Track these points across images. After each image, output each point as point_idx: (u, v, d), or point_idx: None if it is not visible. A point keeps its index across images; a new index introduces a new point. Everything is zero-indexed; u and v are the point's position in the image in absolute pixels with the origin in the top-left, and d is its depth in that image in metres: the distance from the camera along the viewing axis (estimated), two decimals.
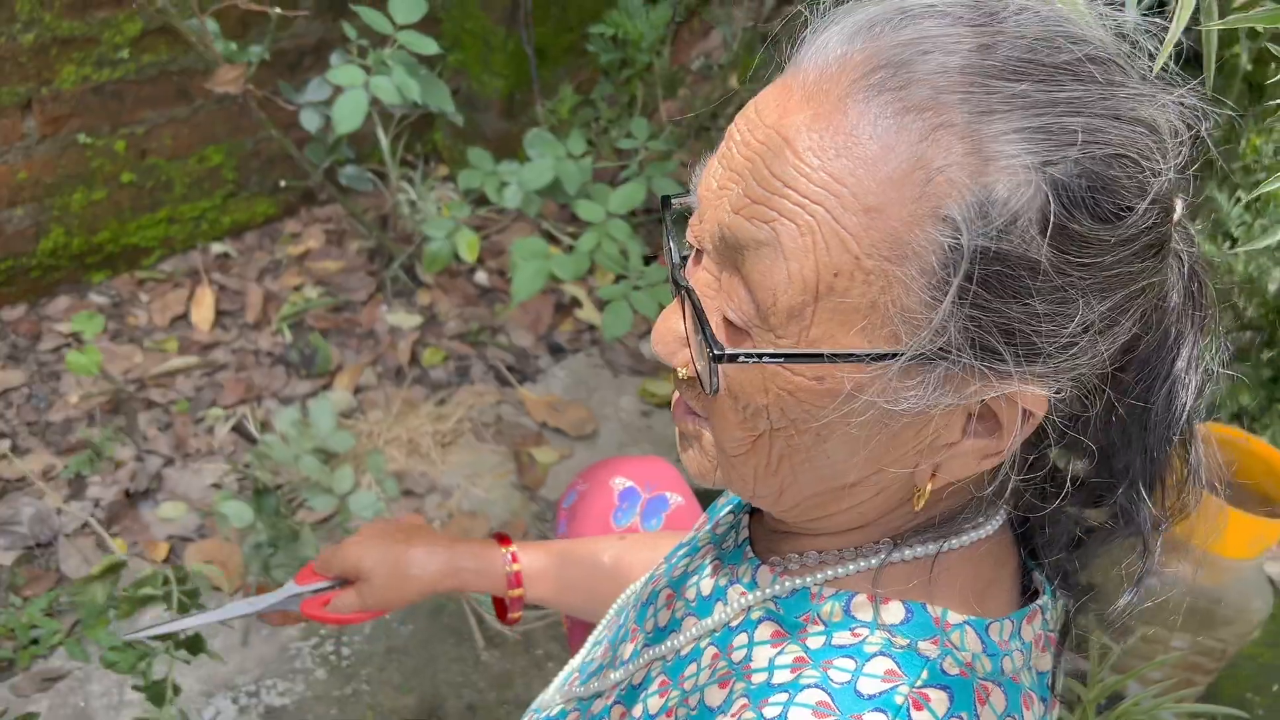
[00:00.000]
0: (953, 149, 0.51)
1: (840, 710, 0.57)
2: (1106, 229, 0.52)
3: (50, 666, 1.47)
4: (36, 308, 1.98)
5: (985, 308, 0.52)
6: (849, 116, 0.53)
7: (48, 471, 1.72)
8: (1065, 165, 0.51)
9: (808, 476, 0.61)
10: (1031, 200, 0.51)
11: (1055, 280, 0.52)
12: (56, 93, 1.82)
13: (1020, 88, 0.52)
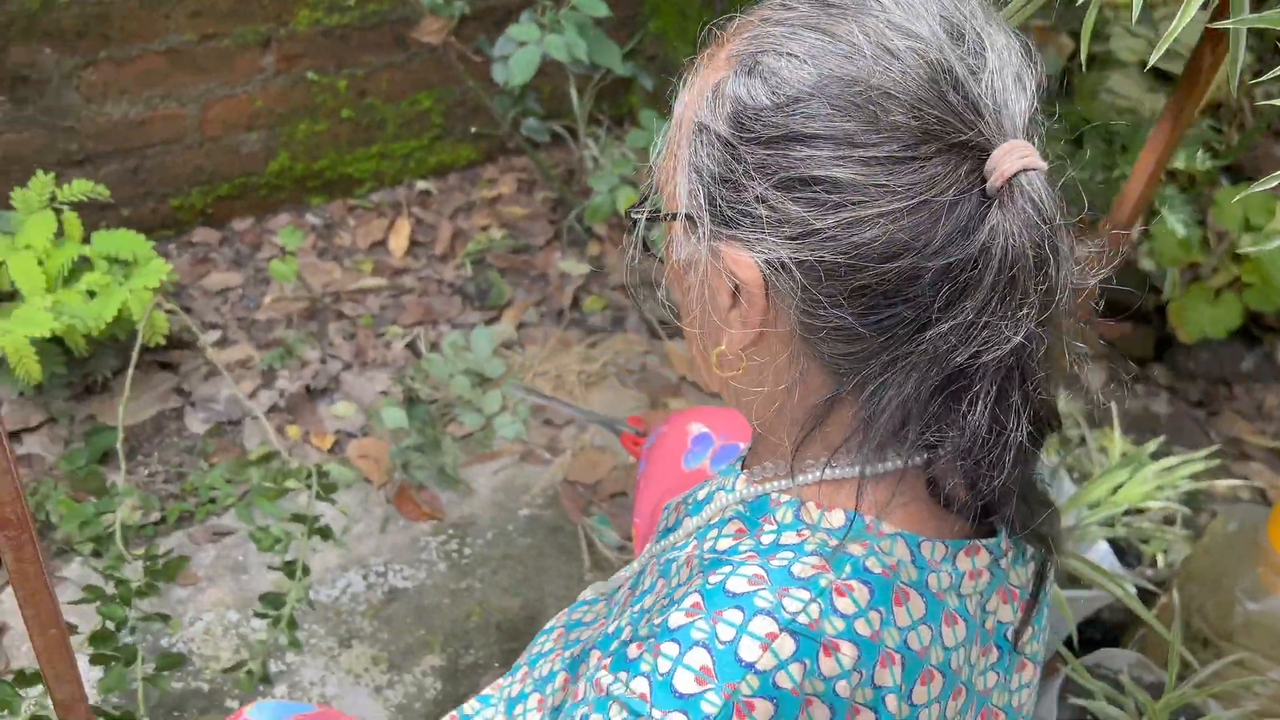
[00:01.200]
0: (708, 74, 0.68)
1: (771, 581, 0.64)
2: (775, 109, 0.62)
3: (221, 524, 1.70)
4: (261, 221, 2.24)
5: (699, 168, 0.66)
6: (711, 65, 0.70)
7: (246, 361, 1.96)
8: (746, 58, 0.65)
9: (704, 356, 0.73)
10: (724, 95, 0.65)
11: (731, 150, 0.64)
12: (292, 33, 2.05)
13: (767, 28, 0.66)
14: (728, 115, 0.64)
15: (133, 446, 1.79)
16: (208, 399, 1.89)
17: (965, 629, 0.70)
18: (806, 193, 0.61)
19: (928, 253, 0.61)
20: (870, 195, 0.60)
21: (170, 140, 2.03)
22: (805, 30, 0.63)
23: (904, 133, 0.60)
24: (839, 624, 0.63)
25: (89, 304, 1.64)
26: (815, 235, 0.62)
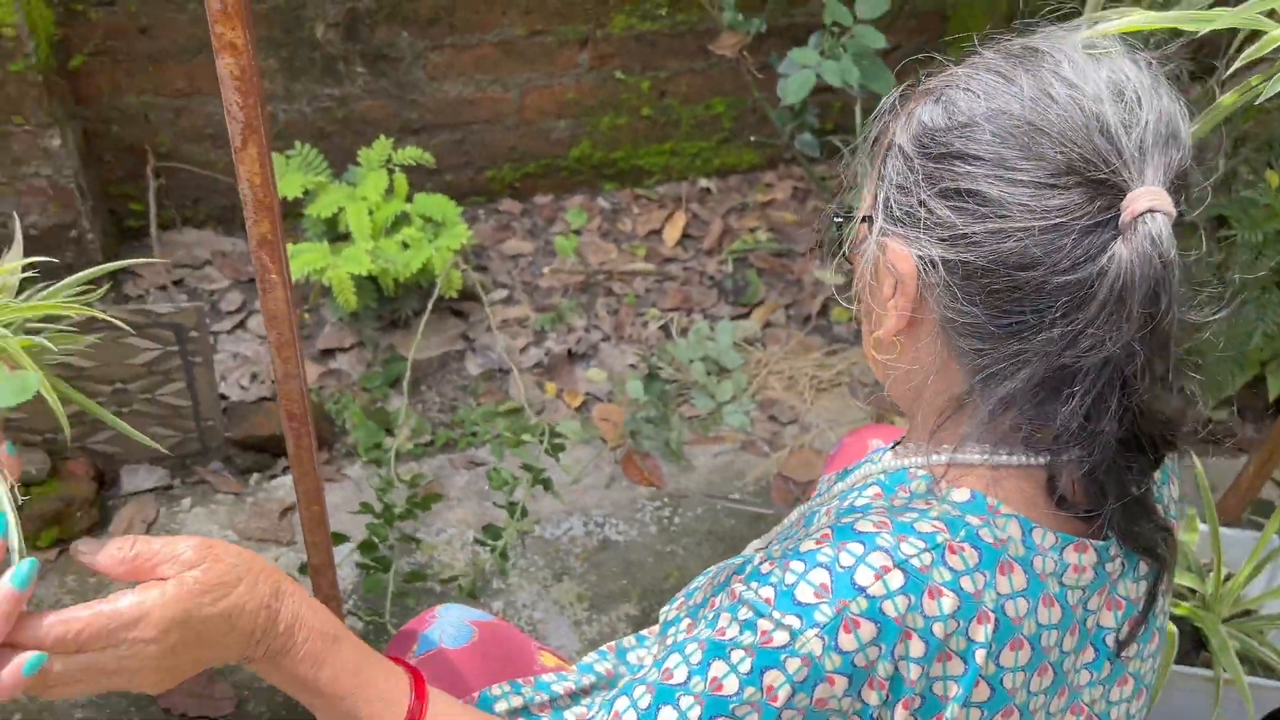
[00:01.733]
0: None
1: (894, 529, 0.75)
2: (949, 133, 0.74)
3: (477, 455, 1.97)
4: (558, 199, 2.50)
5: (878, 171, 0.79)
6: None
7: (523, 320, 2.22)
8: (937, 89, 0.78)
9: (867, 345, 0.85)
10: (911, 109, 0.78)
11: (900, 157, 0.77)
12: (607, 35, 2.28)
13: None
14: (912, 134, 0.77)
15: (419, 378, 2.10)
16: (486, 347, 2.16)
17: (1061, 615, 0.78)
18: (961, 202, 0.73)
19: (1056, 269, 0.70)
20: (1014, 212, 0.71)
21: (492, 120, 2.32)
22: (986, 73, 0.76)
23: (1050, 163, 0.70)
24: (946, 574, 0.73)
25: (402, 253, 1.94)
26: (964, 239, 0.73)
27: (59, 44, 1.94)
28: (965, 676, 0.74)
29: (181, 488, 1.87)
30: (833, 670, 0.71)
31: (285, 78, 2.12)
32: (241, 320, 2.15)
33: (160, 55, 2.02)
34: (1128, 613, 0.83)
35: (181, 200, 2.22)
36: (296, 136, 2.16)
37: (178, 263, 2.22)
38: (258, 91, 0.79)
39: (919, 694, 0.73)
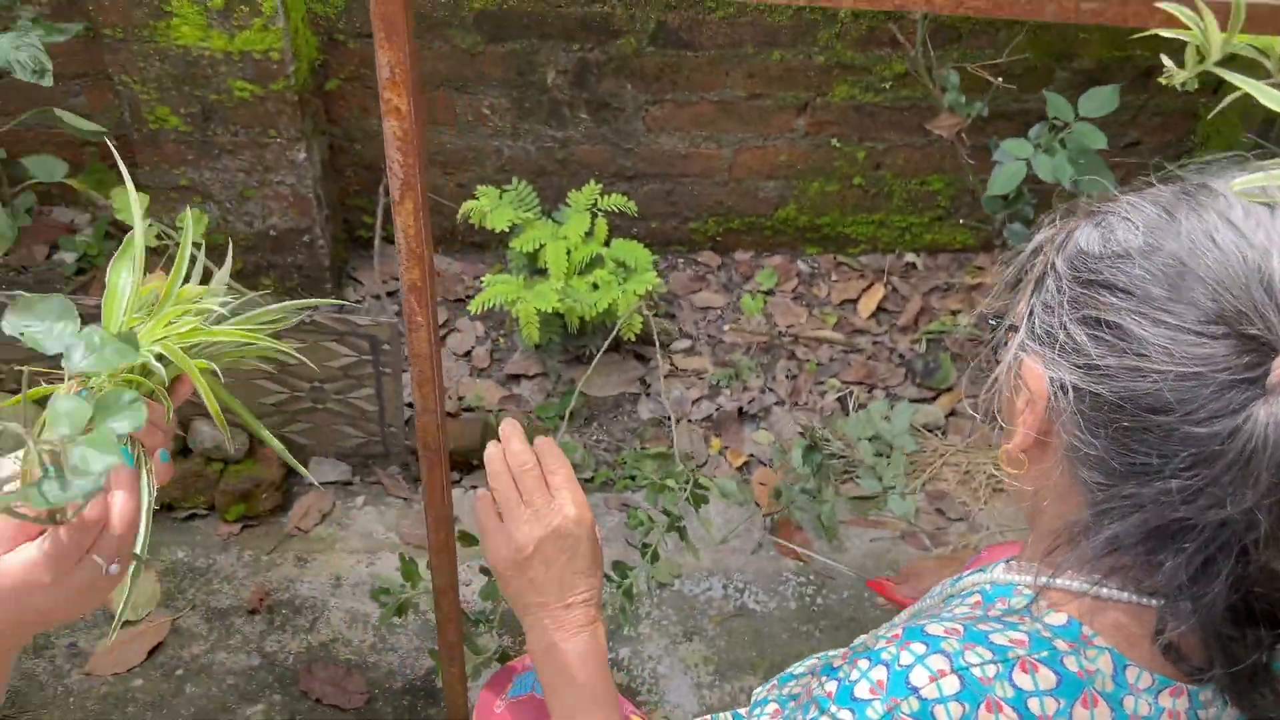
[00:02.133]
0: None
1: (964, 635, 0.74)
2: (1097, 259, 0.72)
3: (633, 499, 2.00)
4: (758, 257, 2.51)
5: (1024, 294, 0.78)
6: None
7: (701, 372, 2.24)
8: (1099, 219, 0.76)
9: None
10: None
11: (1054, 279, 0.75)
12: (826, 104, 2.27)
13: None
14: (1067, 255, 0.75)
15: (592, 414, 2.15)
16: (660, 394, 2.20)
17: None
18: (1101, 333, 0.70)
19: (1189, 418, 0.67)
20: (1153, 352, 0.67)
21: (703, 175, 2.36)
22: (1151, 205, 0.73)
23: (1200, 309, 0.67)
24: (1009, 690, 0.71)
25: (591, 293, 2.00)
26: (1098, 370, 0.70)
27: (319, 68, 2.13)
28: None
29: (359, 485, 1.99)
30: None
31: (514, 116, 2.24)
32: (443, 336, 2.27)
33: None
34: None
35: None
36: (517, 172, 2.28)
37: (395, 275, 2.38)
38: (417, 152, 0.85)
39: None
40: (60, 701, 1.64)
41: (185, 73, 1.93)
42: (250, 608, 1.78)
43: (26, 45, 1.69)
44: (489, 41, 2.13)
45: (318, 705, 1.66)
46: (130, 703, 1.65)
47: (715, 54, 2.17)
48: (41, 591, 0.72)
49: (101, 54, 1.94)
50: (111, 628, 0.80)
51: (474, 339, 2.27)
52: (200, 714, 1.64)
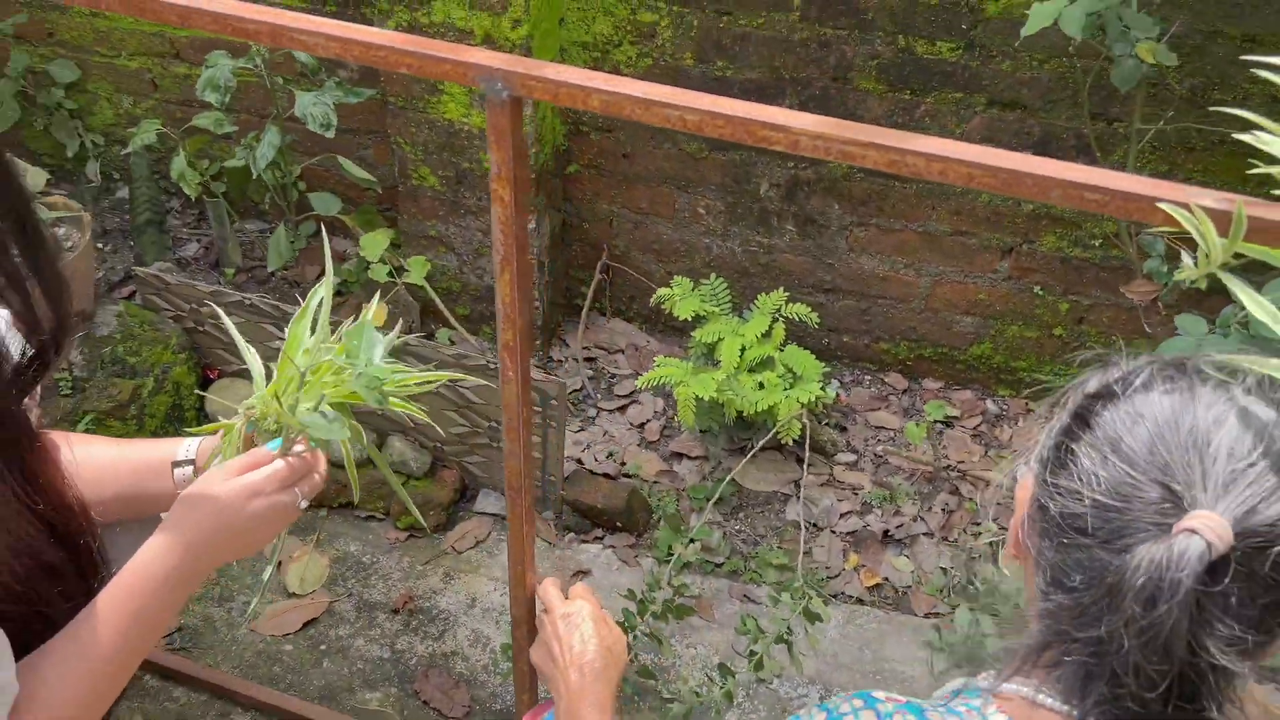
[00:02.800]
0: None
1: (903, 703, 0.81)
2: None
3: (756, 593, 2.06)
4: (946, 389, 2.52)
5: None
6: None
7: (856, 487, 2.28)
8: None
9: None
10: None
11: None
12: (1033, 251, 2.28)
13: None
14: (1084, 391, 0.82)
15: (741, 505, 2.25)
16: (811, 499, 2.26)
17: None
18: (1066, 458, 0.78)
19: (1104, 545, 0.73)
20: (1091, 481, 0.75)
21: (898, 299, 2.42)
22: (1146, 367, 0.80)
23: (1139, 457, 0.74)
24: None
25: (755, 391, 2.12)
26: (1053, 487, 0.78)
27: (562, 153, 2.40)
28: None
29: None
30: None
31: (726, 219, 2.41)
32: (624, 406, 2.45)
33: (633, 177, 2.41)
34: None
35: (618, 295, 2.60)
36: (722, 269, 2.44)
37: (599, 344, 2.59)
38: (515, 234, 1.02)
39: None
40: (225, 647, 1.92)
41: (446, 142, 2.24)
42: (395, 607, 2.00)
43: (321, 103, 2.04)
44: (711, 149, 2.32)
45: (425, 706, 1.85)
46: (277, 663, 1.90)
47: (922, 187, 2.25)
48: (251, 507, 0.99)
49: (386, 118, 2.29)
50: (266, 579, 1.03)
51: (651, 413, 2.43)
52: (328, 687, 1.87)
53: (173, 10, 0.97)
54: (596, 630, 1.20)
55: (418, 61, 0.94)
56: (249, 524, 1.03)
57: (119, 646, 0.99)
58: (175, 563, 1.00)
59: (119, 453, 1.37)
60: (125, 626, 0.99)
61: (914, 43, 2.07)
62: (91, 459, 1.31)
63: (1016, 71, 2.05)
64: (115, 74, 2.62)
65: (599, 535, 2.18)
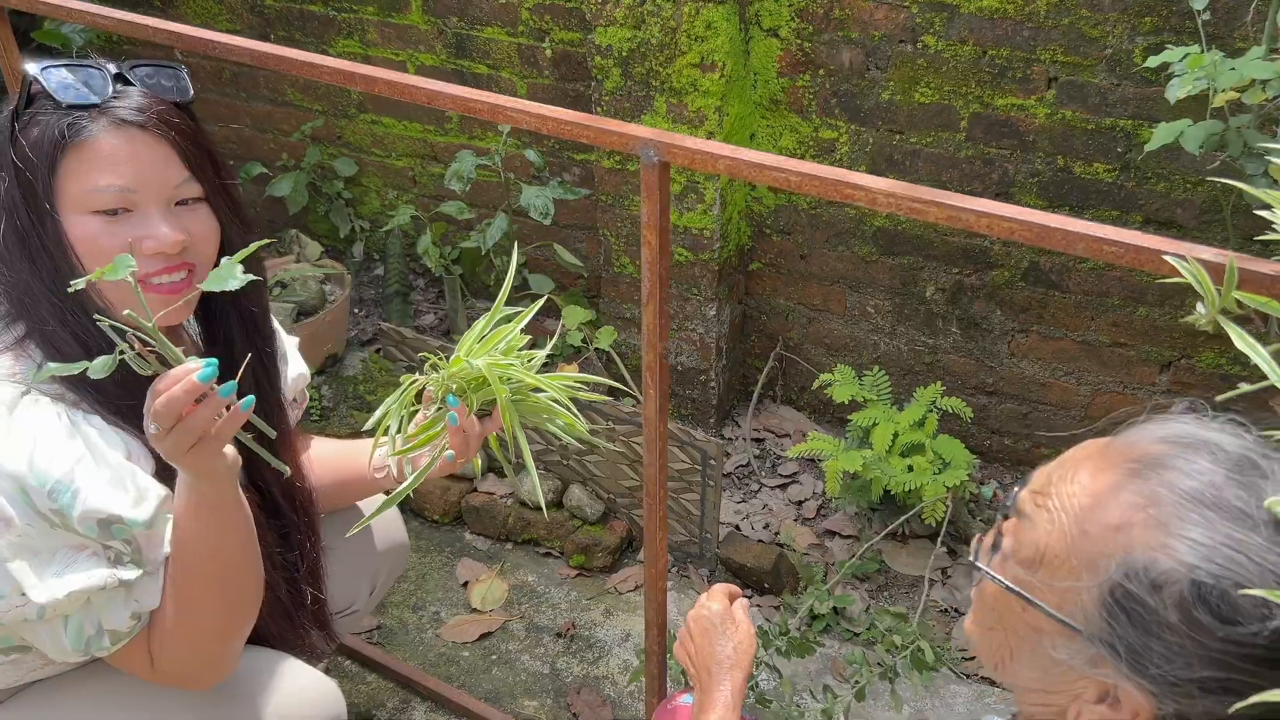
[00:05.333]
0: (1150, 528, 0.80)
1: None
2: (1220, 626, 0.76)
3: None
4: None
5: (1120, 626, 0.80)
6: (1107, 477, 0.86)
7: None
8: (1209, 575, 0.77)
9: (1010, 669, 0.94)
10: (1177, 583, 0.77)
11: (1172, 638, 0.77)
12: (1191, 367, 2.33)
13: (1210, 515, 0.79)
14: (1176, 605, 0.77)
15: (885, 583, 2.36)
16: (956, 587, 2.34)
17: None
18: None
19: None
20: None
21: (1059, 405, 2.51)
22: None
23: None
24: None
25: (904, 473, 2.26)
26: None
27: (747, 251, 2.67)
28: None
29: (672, 574, 2.39)
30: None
31: (894, 319, 2.59)
32: (785, 484, 2.63)
33: (809, 276, 2.64)
34: None
35: (790, 384, 2.81)
36: (885, 364, 2.61)
37: (768, 427, 2.79)
38: (658, 272, 1.28)
39: None
40: (413, 647, 2.21)
41: None
42: (559, 632, 2.24)
43: (543, 196, 2.41)
44: (881, 254, 2.52)
45: (574, 718, 2.06)
46: (454, 665, 2.17)
47: (1082, 298, 2.36)
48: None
49: (596, 214, 2.64)
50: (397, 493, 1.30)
51: (811, 493, 2.59)
52: (492, 692, 2.11)
53: (422, 94, 1.31)
54: (724, 629, 1.34)
55: (594, 133, 1.24)
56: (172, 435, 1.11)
57: (188, 567, 1.25)
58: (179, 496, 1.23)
59: (339, 445, 1.71)
60: (185, 554, 1.25)
61: (1072, 163, 2.22)
62: (321, 453, 1.65)
63: (1171, 192, 2.17)
64: (385, 171, 3.12)
65: (747, 593, 2.34)
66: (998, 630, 0.92)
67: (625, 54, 2.33)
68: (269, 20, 3.01)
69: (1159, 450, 0.84)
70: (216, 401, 1.09)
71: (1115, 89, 2.11)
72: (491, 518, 2.47)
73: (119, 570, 1.22)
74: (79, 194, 1.22)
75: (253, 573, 1.32)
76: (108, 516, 1.19)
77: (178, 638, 1.29)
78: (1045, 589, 0.85)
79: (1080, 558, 0.82)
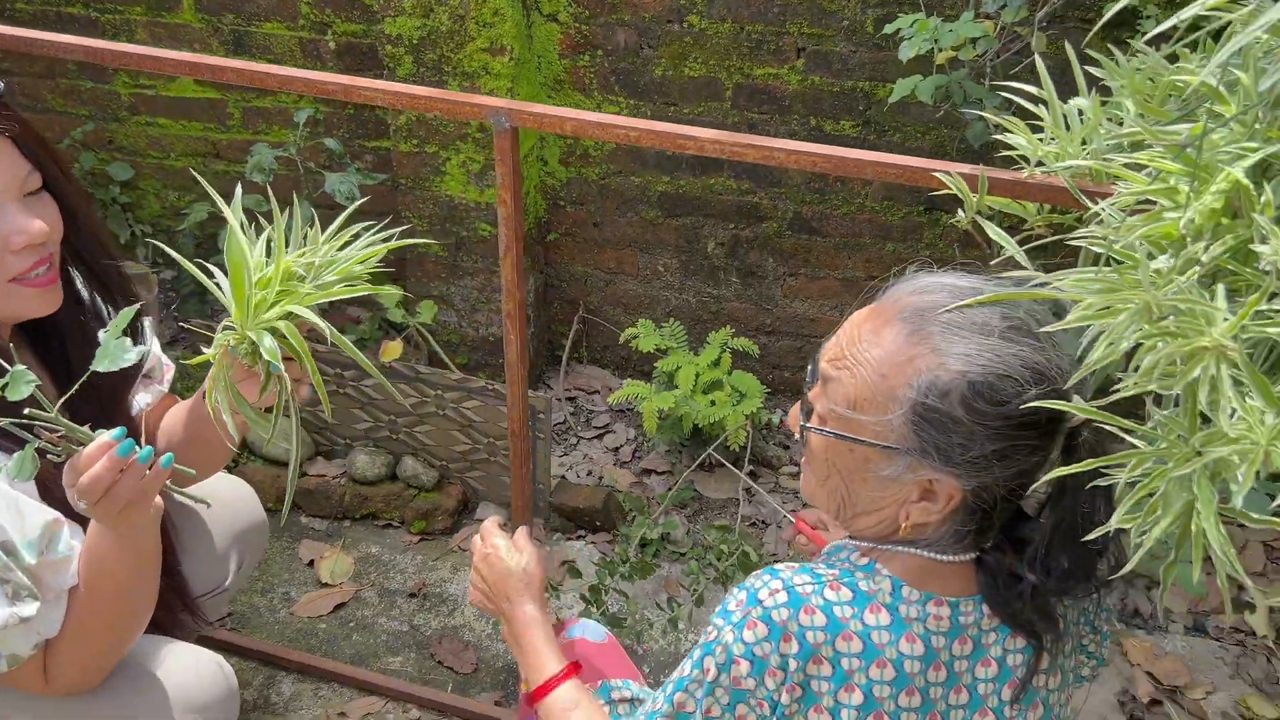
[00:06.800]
0: (928, 355, 1.01)
1: (798, 568, 1.09)
2: (995, 409, 0.99)
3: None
4: None
5: (927, 433, 1.01)
6: (887, 330, 1.08)
7: (797, 491, 2.64)
8: (978, 373, 0.99)
9: (849, 505, 1.13)
10: (958, 387, 0.99)
11: (965, 428, 1.00)
12: None
13: (965, 333, 1.02)
14: (960, 403, 1.01)
15: (700, 508, 2.60)
16: (760, 503, 2.62)
17: (924, 650, 1.05)
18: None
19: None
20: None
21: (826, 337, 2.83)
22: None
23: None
24: (820, 600, 1.05)
25: (708, 408, 2.50)
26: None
27: (544, 223, 2.83)
28: (833, 678, 1.03)
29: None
30: (740, 655, 1.04)
31: (681, 275, 2.83)
32: (600, 434, 2.82)
33: (603, 243, 2.84)
34: (1003, 674, 1.08)
35: (594, 344, 3.00)
36: (681, 318, 2.85)
37: (578, 386, 2.97)
38: (514, 228, 1.42)
39: (798, 684, 1.03)
40: (269, 627, 2.24)
41: (448, 214, 2.67)
42: (411, 592, 2.33)
43: (346, 182, 2.47)
44: (666, 216, 2.76)
45: (439, 665, 2.16)
46: (313, 637, 2.22)
47: (839, 241, 2.69)
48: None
49: (396, 197, 2.72)
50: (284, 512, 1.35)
51: (624, 439, 2.80)
52: (357, 655, 2.18)
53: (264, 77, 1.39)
54: (509, 556, 1.45)
55: (449, 106, 1.36)
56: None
57: (98, 599, 1.28)
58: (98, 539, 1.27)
59: (182, 405, 1.67)
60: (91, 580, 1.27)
61: (823, 122, 2.53)
62: (176, 414, 1.63)
63: (905, 142, 2.52)
64: (164, 172, 3.05)
65: (581, 534, 2.52)
66: (833, 476, 1.11)
67: (416, 42, 2.43)
68: (21, 25, 2.86)
69: (915, 299, 1.06)
70: (138, 468, 1.14)
71: (854, 55, 2.43)
72: (326, 498, 2.51)
73: (18, 607, 1.23)
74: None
75: (153, 595, 1.36)
76: (11, 541, 1.21)
77: (75, 658, 1.32)
78: (863, 427, 1.05)
79: (885, 395, 1.03)
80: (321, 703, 2.06)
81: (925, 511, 1.05)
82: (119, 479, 1.12)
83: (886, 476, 1.05)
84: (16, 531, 1.21)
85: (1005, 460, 1.01)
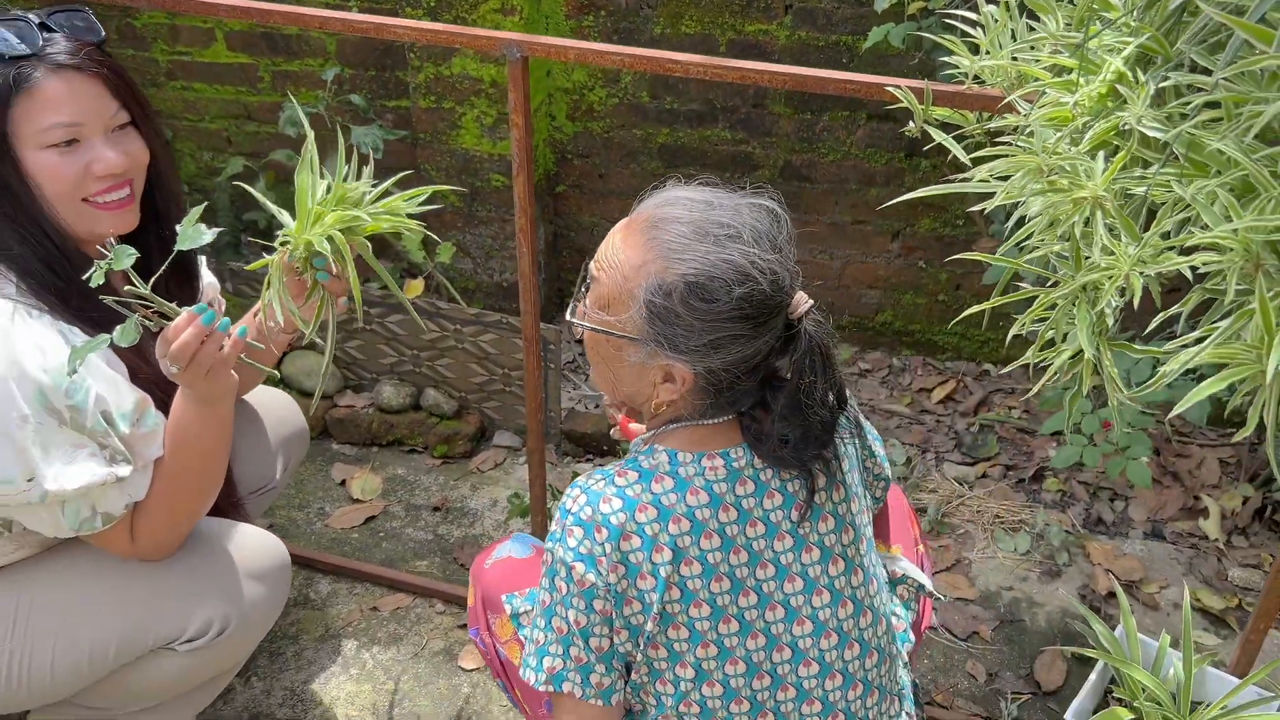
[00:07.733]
0: (656, 261, 1.17)
1: (594, 471, 1.28)
2: (707, 305, 1.16)
3: None
4: (861, 352, 3.10)
5: (657, 325, 1.18)
6: (632, 239, 1.21)
7: None
8: (693, 275, 1.15)
9: (619, 389, 1.29)
10: (678, 287, 1.16)
11: (685, 321, 1.17)
12: (914, 232, 2.89)
13: (687, 241, 1.19)
14: (681, 301, 1.16)
15: None
16: None
17: (709, 499, 1.23)
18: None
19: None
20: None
21: (815, 278, 3.02)
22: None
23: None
24: (612, 490, 1.22)
25: None
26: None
27: (553, 176, 3.02)
28: (643, 546, 1.20)
29: (523, 451, 2.73)
30: (573, 561, 1.21)
31: None
32: None
33: (609, 193, 3.03)
34: (788, 500, 1.25)
35: None
36: None
37: None
38: (525, 148, 1.61)
39: (619, 562, 1.20)
40: (305, 538, 2.44)
41: (464, 166, 2.85)
42: (435, 506, 2.53)
43: (371, 134, 2.66)
44: (666, 167, 2.94)
45: (462, 568, 2.37)
46: (346, 545, 2.42)
47: (827, 187, 2.87)
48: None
49: (416, 151, 2.91)
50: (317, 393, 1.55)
51: None
52: (387, 559, 2.39)
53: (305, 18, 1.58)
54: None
55: (466, 39, 1.55)
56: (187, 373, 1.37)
57: (185, 465, 1.48)
58: (184, 408, 1.47)
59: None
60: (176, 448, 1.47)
61: None
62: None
63: None
64: (199, 134, 3.24)
65: (589, 457, 2.72)
66: (601, 364, 1.28)
67: (433, 4, 2.61)
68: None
69: (655, 212, 1.23)
70: (218, 336, 1.34)
71: (837, 10, 2.61)
72: (356, 426, 2.71)
73: (115, 468, 1.43)
74: (33, 134, 1.41)
75: (224, 465, 1.56)
76: (110, 411, 1.41)
77: (161, 519, 1.52)
78: (614, 322, 1.21)
79: (626, 295, 1.19)
80: (355, 599, 2.27)
81: (670, 391, 1.23)
82: (203, 346, 1.32)
83: (635, 363, 1.22)
84: (114, 404, 1.41)
85: (721, 349, 1.18)
